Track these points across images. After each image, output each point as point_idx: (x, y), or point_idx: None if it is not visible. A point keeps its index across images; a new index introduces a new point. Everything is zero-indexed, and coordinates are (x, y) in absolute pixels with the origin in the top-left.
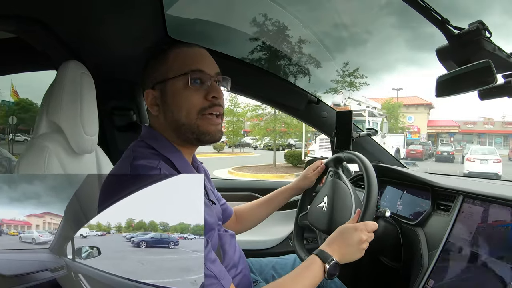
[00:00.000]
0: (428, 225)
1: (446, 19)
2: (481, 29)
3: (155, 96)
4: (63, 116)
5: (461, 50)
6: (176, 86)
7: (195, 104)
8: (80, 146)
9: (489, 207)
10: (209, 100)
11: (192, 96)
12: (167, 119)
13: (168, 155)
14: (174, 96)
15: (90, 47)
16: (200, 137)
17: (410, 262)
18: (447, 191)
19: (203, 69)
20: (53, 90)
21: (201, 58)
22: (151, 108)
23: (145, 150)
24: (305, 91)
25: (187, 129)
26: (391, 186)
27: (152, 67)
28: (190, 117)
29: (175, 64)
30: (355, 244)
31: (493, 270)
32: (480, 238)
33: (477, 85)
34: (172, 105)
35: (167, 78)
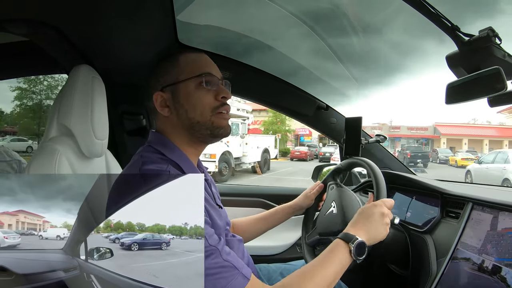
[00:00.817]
0: (436, 233)
1: (456, 25)
2: (491, 36)
3: (165, 98)
4: (74, 119)
5: (471, 56)
6: (189, 87)
7: (208, 103)
8: (90, 150)
9: (499, 215)
10: (219, 100)
11: (204, 97)
12: (181, 119)
13: (175, 159)
14: (187, 97)
15: (100, 52)
16: (215, 132)
17: (418, 270)
18: (456, 198)
19: (212, 72)
20: (64, 93)
21: (210, 63)
22: (161, 110)
23: (153, 155)
24: (314, 97)
25: (201, 126)
26: (399, 193)
27: (161, 71)
28: (204, 115)
29: (187, 68)
30: (378, 219)
31: (503, 278)
32: (489, 246)
33: (487, 92)
34: (186, 105)
35: (179, 80)
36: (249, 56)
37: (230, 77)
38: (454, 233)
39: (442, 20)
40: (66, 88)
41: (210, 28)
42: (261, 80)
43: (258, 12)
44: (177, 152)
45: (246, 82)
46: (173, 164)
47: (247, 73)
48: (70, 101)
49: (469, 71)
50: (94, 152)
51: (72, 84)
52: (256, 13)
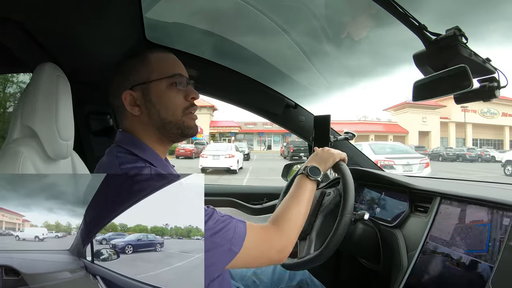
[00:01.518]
0: (406, 227)
1: (424, 25)
2: (457, 35)
3: (135, 97)
4: (38, 120)
5: (438, 55)
6: (161, 87)
7: (180, 104)
8: (55, 151)
9: (466, 208)
10: (189, 100)
11: (176, 97)
12: (152, 118)
13: (149, 159)
14: (159, 96)
15: (66, 50)
16: (185, 131)
17: (389, 264)
18: (424, 192)
19: (182, 73)
20: (28, 93)
21: (179, 64)
22: (130, 109)
23: (126, 155)
24: (282, 96)
25: (173, 126)
26: (368, 189)
27: (131, 69)
28: (176, 115)
29: (158, 67)
30: (322, 151)
31: (472, 269)
32: (458, 238)
33: (454, 89)
34: (158, 105)
35: (150, 79)
36: (217, 54)
37: (198, 75)
38: (423, 227)
39: (409, 20)
40: (30, 87)
41: (178, 26)
42: (229, 79)
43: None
44: (149, 152)
45: (214, 80)
46: (148, 164)
47: (215, 71)
48: (33, 101)
49: (436, 69)
50: (60, 154)
51: (36, 83)
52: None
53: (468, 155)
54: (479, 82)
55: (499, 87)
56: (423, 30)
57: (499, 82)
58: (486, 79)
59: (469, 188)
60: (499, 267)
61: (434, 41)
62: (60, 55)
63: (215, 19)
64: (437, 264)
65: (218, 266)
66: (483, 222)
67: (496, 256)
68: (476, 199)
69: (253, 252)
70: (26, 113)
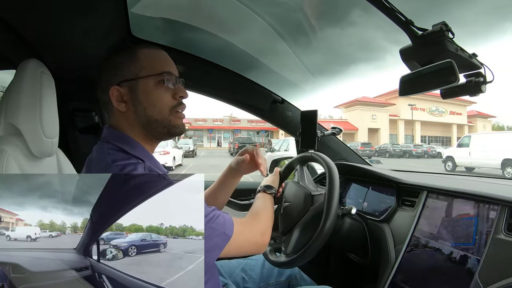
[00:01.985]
0: (393, 221)
1: (410, 20)
2: (444, 30)
3: (122, 93)
4: (22, 117)
5: (425, 50)
6: (149, 84)
7: (167, 102)
8: (40, 149)
9: (453, 202)
10: (177, 99)
11: (163, 95)
12: (139, 115)
13: (139, 155)
14: (147, 94)
15: (50, 46)
16: (171, 130)
17: (377, 258)
18: (411, 187)
19: (171, 71)
20: (11, 90)
21: (169, 61)
22: (117, 105)
23: (117, 152)
24: (269, 91)
25: (159, 124)
26: (356, 184)
27: (119, 65)
28: (163, 113)
29: (147, 64)
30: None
31: (459, 261)
32: (445, 232)
33: (440, 84)
34: (144, 102)
35: (139, 76)
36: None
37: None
38: (410, 221)
39: (396, 14)
40: (13, 84)
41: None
42: (216, 75)
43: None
44: (140, 148)
45: (201, 76)
46: (137, 160)
47: (201, 67)
48: (17, 98)
49: (422, 64)
50: (44, 152)
51: (20, 80)
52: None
53: (415, 151)
54: (465, 77)
55: (485, 82)
56: (410, 25)
57: (485, 77)
58: (472, 74)
59: (455, 182)
60: (486, 259)
61: (420, 36)
62: (44, 52)
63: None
64: (425, 257)
65: (215, 251)
66: (470, 216)
67: (482, 249)
68: (463, 193)
69: (242, 237)
70: (9, 110)
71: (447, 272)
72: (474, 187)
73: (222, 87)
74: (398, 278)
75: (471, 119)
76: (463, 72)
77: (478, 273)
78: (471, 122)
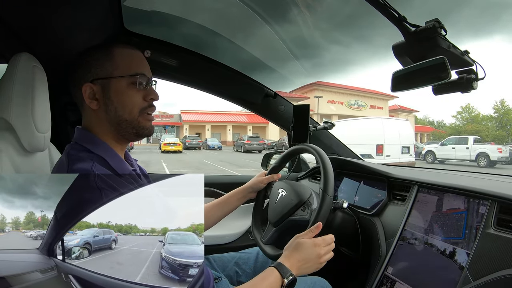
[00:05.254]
0: (384, 215)
1: (403, 16)
2: (437, 27)
3: (94, 91)
4: (13, 112)
5: (417, 47)
6: (121, 84)
7: (137, 104)
8: (32, 144)
9: (443, 196)
10: (148, 101)
11: (134, 96)
12: (109, 114)
13: (102, 154)
14: (118, 94)
15: (42, 39)
16: (139, 131)
17: (368, 251)
18: (402, 181)
19: (145, 73)
20: (3, 84)
21: (144, 62)
22: (89, 103)
23: (79, 152)
24: (261, 85)
25: (128, 125)
26: (348, 178)
27: (94, 62)
28: (132, 114)
29: (121, 64)
30: (314, 259)
31: (449, 255)
32: (435, 226)
33: (432, 81)
34: (115, 102)
35: (113, 75)
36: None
37: (177, 65)
38: (401, 215)
39: (389, 11)
40: (5, 78)
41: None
42: (209, 68)
43: None
44: (103, 146)
45: (193, 70)
46: (100, 160)
47: (194, 61)
48: (8, 92)
49: (414, 60)
50: (36, 146)
51: (11, 74)
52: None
53: None
54: (457, 74)
55: (477, 79)
56: (403, 21)
57: (477, 74)
58: (464, 71)
59: (446, 177)
60: (475, 253)
61: (413, 32)
62: (36, 45)
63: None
64: (415, 251)
65: None
66: (460, 210)
67: (472, 243)
68: (453, 187)
69: None
70: (0, 105)
71: (437, 265)
72: (464, 182)
73: (214, 81)
74: (389, 271)
75: (393, 113)
76: (455, 69)
77: (467, 266)
78: (393, 116)
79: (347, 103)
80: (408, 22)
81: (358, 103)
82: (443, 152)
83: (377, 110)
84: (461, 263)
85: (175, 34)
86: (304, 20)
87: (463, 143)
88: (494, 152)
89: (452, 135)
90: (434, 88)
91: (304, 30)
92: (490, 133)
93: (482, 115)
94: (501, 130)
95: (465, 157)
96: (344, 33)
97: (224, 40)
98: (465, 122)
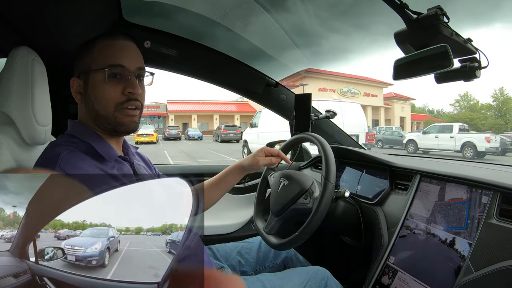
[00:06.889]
0: (387, 204)
1: (405, 3)
2: (439, 14)
3: (79, 85)
4: (14, 106)
5: (419, 34)
6: (97, 78)
7: (112, 98)
8: (33, 137)
9: (446, 186)
10: (126, 94)
11: (109, 91)
12: (88, 108)
13: (89, 141)
14: (94, 88)
15: (41, 32)
16: (116, 128)
17: (370, 240)
18: (404, 170)
19: (123, 64)
20: (2, 78)
21: (124, 53)
22: (75, 96)
23: (62, 140)
24: (263, 74)
25: (105, 120)
26: (350, 167)
27: (79, 56)
28: (107, 109)
29: (99, 57)
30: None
31: (451, 245)
32: (437, 215)
33: (434, 69)
34: (92, 96)
35: (90, 69)
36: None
37: (178, 55)
38: (403, 204)
39: None
40: (4, 72)
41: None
42: (210, 58)
43: None
44: (90, 134)
45: (194, 60)
46: (86, 146)
47: (194, 51)
48: (8, 86)
49: (417, 48)
50: (37, 140)
51: (10, 67)
52: None
53: None
54: (460, 62)
55: (480, 67)
56: (405, 8)
57: (480, 62)
58: (467, 59)
59: (448, 167)
60: (477, 243)
61: (415, 19)
62: (35, 38)
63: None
64: (417, 240)
65: None
66: (462, 200)
67: (474, 233)
68: (455, 177)
69: None
70: (1, 99)
71: (439, 255)
72: (467, 171)
73: (216, 70)
74: (391, 260)
75: (388, 101)
76: (457, 57)
77: (469, 256)
78: (388, 104)
79: (339, 90)
80: (410, 9)
81: (351, 90)
82: (426, 141)
83: (371, 98)
84: (463, 253)
85: (175, 24)
86: (305, 8)
87: (448, 131)
88: (481, 141)
89: None
90: (437, 76)
91: (304, 18)
92: (487, 122)
93: (481, 104)
94: (500, 119)
95: (449, 147)
96: (343, 21)
97: (224, 28)
98: (463, 111)
